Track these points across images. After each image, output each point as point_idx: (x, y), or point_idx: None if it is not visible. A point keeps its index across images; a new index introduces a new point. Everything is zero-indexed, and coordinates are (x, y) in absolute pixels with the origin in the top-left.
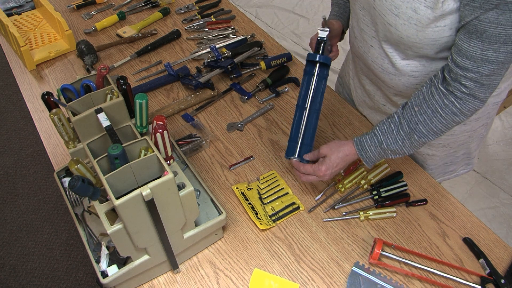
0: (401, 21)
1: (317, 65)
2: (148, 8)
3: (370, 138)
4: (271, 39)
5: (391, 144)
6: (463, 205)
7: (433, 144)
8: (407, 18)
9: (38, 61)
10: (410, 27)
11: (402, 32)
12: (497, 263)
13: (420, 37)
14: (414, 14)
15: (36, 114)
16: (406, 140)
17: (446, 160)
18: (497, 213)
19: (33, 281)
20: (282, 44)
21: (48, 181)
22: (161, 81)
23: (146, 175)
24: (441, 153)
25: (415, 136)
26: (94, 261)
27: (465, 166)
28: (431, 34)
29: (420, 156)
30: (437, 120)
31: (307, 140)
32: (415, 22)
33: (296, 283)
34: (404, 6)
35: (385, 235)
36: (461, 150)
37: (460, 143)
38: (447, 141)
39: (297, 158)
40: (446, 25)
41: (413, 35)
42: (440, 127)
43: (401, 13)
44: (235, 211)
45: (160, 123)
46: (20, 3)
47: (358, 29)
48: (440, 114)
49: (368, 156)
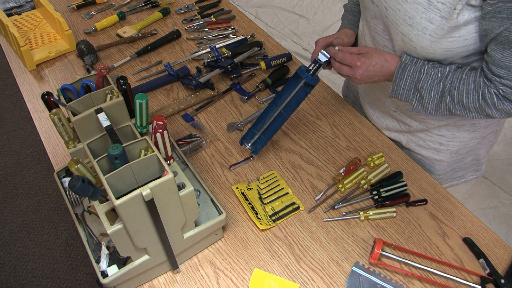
0: (415, 31)
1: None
2: (148, 8)
3: (414, 70)
4: (271, 39)
5: (426, 89)
6: (463, 205)
7: (441, 149)
8: (421, 29)
9: (38, 61)
10: (425, 37)
11: (415, 43)
12: (497, 263)
13: (434, 48)
14: (429, 25)
15: (36, 114)
16: (438, 95)
17: (454, 166)
18: (497, 213)
19: (33, 281)
20: (282, 44)
21: (48, 181)
22: (161, 81)
23: (146, 175)
24: (449, 159)
25: (447, 98)
26: (94, 261)
27: (473, 172)
28: (446, 45)
29: (427, 161)
30: (472, 98)
31: (266, 136)
32: (430, 33)
33: (296, 283)
34: (418, 17)
35: (385, 235)
36: (469, 157)
37: (468, 149)
38: (456, 147)
39: (250, 146)
40: (461, 36)
41: (427, 45)
42: (471, 106)
43: (415, 23)
44: (235, 211)
45: (160, 123)
46: (20, 3)
47: (369, 37)
48: (478, 95)
49: (399, 84)
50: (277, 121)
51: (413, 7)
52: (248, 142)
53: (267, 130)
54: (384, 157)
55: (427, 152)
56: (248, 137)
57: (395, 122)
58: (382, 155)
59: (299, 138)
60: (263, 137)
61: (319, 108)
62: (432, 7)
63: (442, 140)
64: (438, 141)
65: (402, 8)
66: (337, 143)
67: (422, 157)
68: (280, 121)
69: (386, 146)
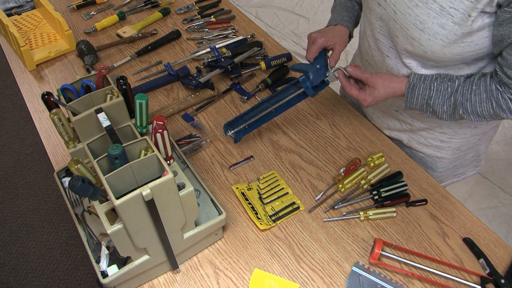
0: (426, 36)
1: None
2: (148, 8)
3: (423, 88)
4: (271, 39)
5: (438, 105)
6: (463, 205)
7: (443, 147)
8: (433, 34)
9: (38, 61)
10: (436, 42)
11: (426, 47)
12: (497, 263)
13: (445, 52)
14: (441, 30)
15: (36, 114)
16: (451, 108)
17: (456, 163)
18: (497, 213)
19: (33, 281)
20: (282, 44)
21: (48, 181)
22: (161, 81)
23: (146, 175)
24: (451, 156)
25: (460, 110)
26: (94, 261)
27: (473, 168)
28: (457, 49)
29: (429, 159)
30: (486, 107)
31: (250, 128)
32: (441, 38)
33: (296, 283)
34: (430, 21)
35: (385, 235)
36: (470, 153)
37: (470, 146)
38: (457, 144)
39: (232, 134)
40: (473, 41)
41: (438, 50)
42: (486, 114)
43: (426, 28)
44: (235, 211)
45: (160, 123)
46: (20, 3)
47: (372, 38)
48: (492, 104)
49: (411, 101)
50: (266, 118)
51: (425, 12)
52: (232, 129)
53: (254, 124)
54: (384, 157)
55: (429, 150)
56: (234, 125)
57: (396, 122)
58: (382, 155)
59: (299, 138)
60: (248, 128)
61: (319, 108)
62: (444, 12)
63: (444, 138)
64: (440, 138)
65: (412, 12)
66: (337, 143)
67: (424, 155)
68: (268, 118)
69: (386, 146)
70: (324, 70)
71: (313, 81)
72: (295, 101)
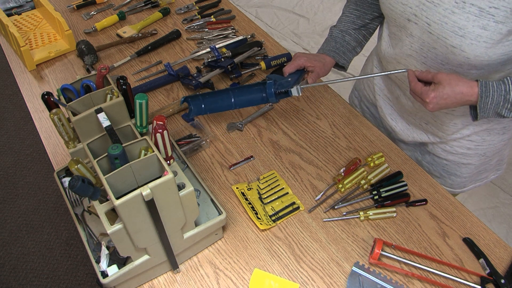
0: (467, 41)
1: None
2: (148, 8)
3: (497, 84)
4: (271, 39)
5: None
6: (463, 205)
7: (469, 154)
8: (475, 37)
9: (38, 61)
10: (479, 45)
11: (468, 53)
12: (497, 263)
13: (490, 54)
14: (483, 32)
15: (36, 114)
16: None
17: (480, 168)
18: (497, 213)
19: (33, 281)
20: (282, 44)
21: (48, 181)
22: (161, 81)
23: (146, 175)
24: (477, 162)
25: None
26: (94, 261)
27: (495, 171)
28: (502, 49)
29: (454, 165)
30: None
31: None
32: (484, 40)
33: (296, 283)
34: (470, 26)
35: (385, 235)
36: (495, 158)
37: (496, 151)
38: (483, 150)
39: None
40: None
41: (482, 53)
42: None
43: (467, 33)
44: (235, 211)
45: (160, 123)
46: (20, 3)
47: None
48: None
49: (486, 101)
50: (224, 106)
51: (463, 17)
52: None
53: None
54: (384, 157)
55: (454, 157)
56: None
57: (423, 135)
58: (382, 155)
59: (299, 138)
60: (204, 107)
61: (319, 108)
62: (484, 13)
63: (471, 145)
64: (467, 146)
65: (449, 20)
66: (337, 143)
67: (448, 162)
68: (226, 107)
69: (386, 146)
70: (293, 83)
71: (277, 87)
72: (256, 101)
